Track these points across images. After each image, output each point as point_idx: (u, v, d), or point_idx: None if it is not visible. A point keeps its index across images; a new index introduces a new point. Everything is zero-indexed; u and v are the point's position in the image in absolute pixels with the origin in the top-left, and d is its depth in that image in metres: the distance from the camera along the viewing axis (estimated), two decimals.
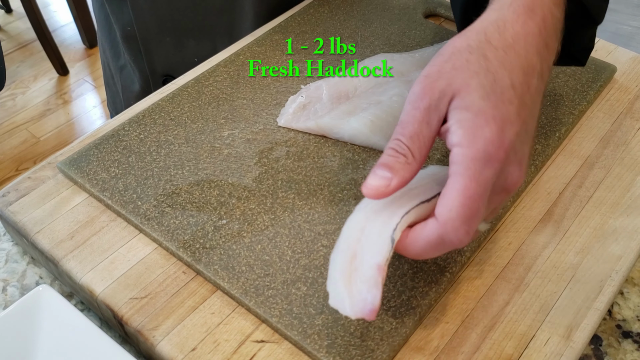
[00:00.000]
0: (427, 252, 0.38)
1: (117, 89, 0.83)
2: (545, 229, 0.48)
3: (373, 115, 0.52)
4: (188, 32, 0.72)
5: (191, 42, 0.73)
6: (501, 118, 0.36)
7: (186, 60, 0.71)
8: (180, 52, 0.73)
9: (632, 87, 0.60)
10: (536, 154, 0.52)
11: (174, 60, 0.74)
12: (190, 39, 0.72)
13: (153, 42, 0.73)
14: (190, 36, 0.72)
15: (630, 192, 0.50)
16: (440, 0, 0.70)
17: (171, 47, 0.73)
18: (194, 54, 0.71)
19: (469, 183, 0.35)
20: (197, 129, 0.54)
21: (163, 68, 0.75)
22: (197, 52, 0.72)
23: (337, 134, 0.53)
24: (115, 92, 0.85)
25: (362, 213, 0.40)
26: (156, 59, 0.74)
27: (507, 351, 0.41)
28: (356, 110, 0.53)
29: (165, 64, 0.74)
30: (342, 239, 0.39)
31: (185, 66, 0.63)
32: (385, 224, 0.38)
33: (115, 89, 0.85)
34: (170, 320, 0.42)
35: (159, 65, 0.75)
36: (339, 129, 0.52)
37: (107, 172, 0.50)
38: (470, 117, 0.36)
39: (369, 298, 0.36)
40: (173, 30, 0.72)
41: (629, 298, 0.47)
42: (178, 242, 0.45)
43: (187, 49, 0.73)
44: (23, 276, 0.48)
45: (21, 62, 2.17)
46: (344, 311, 0.37)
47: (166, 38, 0.72)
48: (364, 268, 0.37)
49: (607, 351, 0.43)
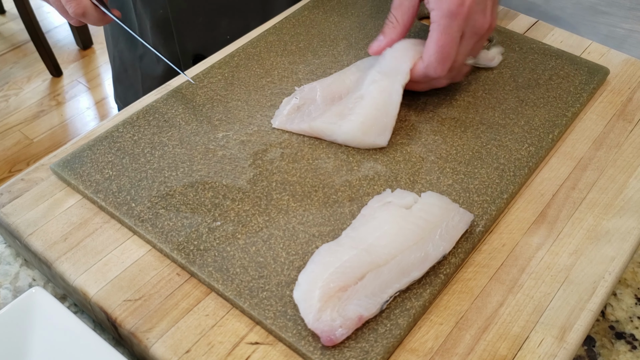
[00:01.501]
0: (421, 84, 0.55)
1: (134, 80, 0.83)
2: (539, 230, 0.48)
3: (361, 115, 0.52)
4: (221, 11, 0.73)
5: (224, 21, 0.74)
6: None
7: (218, 38, 0.72)
8: (213, 31, 0.74)
9: (625, 90, 0.60)
10: (530, 156, 0.52)
11: (206, 39, 0.74)
12: (223, 18, 0.74)
13: (185, 23, 0.73)
14: (224, 14, 0.73)
15: (623, 194, 0.51)
16: None
17: (203, 27, 0.74)
18: (226, 32, 0.72)
19: (439, 35, 0.50)
20: (191, 131, 0.54)
21: (195, 48, 0.76)
22: (229, 31, 0.72)
23: (331, 137, 0.53)
24: (129, 85, 0.85)
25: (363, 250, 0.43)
26: (188, 40, 0.75)
27: (501, 352, 0.41)
28: (345, 110, 0.53)
29: (197, 43, 0.75)
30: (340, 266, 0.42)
31: (217, 45, 0.64)
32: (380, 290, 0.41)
33: (129, 82, 0.84)
34: (164, 322, 0.42)
35: (191, 46, 0.75)
36: (332, 133, 0.53)
37: (100, 174, 0.50)
38: None
39: (337, 331, 0.39)
40: (206, 9, 0.73)
41: (622, 299, 0.47)
42: (172, 243, 0.45)
43: (220, 28, 0.74)
44: (16, 278, 0.48)
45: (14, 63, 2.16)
46: (303, 314, 0.40)
47: (199, 18, 0.73)
48: (349, 308, 0.40)
49: (600, 352, 0.44)
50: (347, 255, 0.42)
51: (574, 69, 0.61)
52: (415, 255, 0.43)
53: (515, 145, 0.53)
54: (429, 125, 0.55)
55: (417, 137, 0.54)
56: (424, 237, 0.44)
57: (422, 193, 0.47)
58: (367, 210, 0.46)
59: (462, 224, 0.45)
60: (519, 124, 0.55)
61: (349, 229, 0.45)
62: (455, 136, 0.54)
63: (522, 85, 0.59)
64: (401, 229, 0.44)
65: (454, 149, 0.53)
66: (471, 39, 0.52)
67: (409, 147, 0.53)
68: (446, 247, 0.43)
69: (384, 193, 0.48)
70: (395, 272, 0.42)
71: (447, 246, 0.44)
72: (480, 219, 0.47)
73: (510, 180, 0.50)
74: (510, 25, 0.68)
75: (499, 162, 0.52)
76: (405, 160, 0.52)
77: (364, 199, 0.48)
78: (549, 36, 0.67)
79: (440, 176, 0.51)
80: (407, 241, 0.43)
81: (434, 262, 0.43)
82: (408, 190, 0.49)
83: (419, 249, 0.43)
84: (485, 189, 0.50)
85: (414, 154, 0.53)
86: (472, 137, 0.54)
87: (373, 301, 0.40)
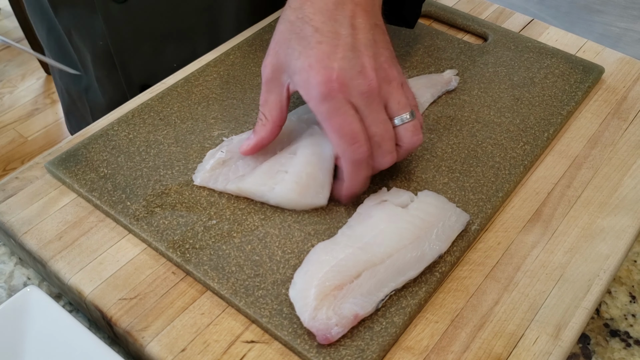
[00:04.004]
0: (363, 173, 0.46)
1: (84, 112, 0.80)
2: (534, 228, 0.48)
3: (294, 174, 0.47)
4: (166, 37, 0.69)
5: (170, 47, 0.70)
6: (317, 60, 0.42)
7: (164, 66, 0.68)
8: (158, 58, 0.71)
9: (620, 88, 0.61)
10: (525, 154, 0.53)
11: (152, 67, 0.71)
12: (168, 44, 0.70)
13: (128, 53, 0.70)
14: (169, 41, 0.70)
15: (617, 192, 0.51)
16: (430, 1, 0.70)
17: (148, 55, 0.70)
18: (172, 60, 0.69)
19: (329, 123, 0.43)
20: (186, 129, 0.54)
21: (141, 78, 0.72)
22: (176, 57, 0.69)
23: (262, 199, 0.48)
24: (80, 116, 0.81)
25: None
26: (133, 70, 0.71)
27: (497, 350, 0.41)
28: (273, 169, 0.48)
29: (143, 73, 0.71)
30: (338, 264, 0.42)
31: (164, 73, 0.61)
32: (376, 289, 0.41)
33: (79, 113, 0.81)
34: (160, 320, 0.42)
35: (136, 76, 0.72)
36: (263, 195, 0.47)
37: (95, 172, 0.50)
38: (299, 79, 0.43)
39: (333, 330, 0.39)
40: (150, 37, 0.69)
41: (617, 297, 0.47)
42: (167, 242, 0.45)
43: (165, 55, 0.70)
44: (10, 277, 0.48)
45: (8, 61, 2.16)
46: (299, 312, 0.40)
47: (142, 46, 0.69)
48: (345, 306, 0.40)
49: (595, 350, 0.44)
50: (343, 253, 0.42)
51: (569, 67, 0.61)
52: (411, 255, 0.43)
53: (510, 143, 0.54)
54: (424, 124, 0.55)
55: None
56: (421, 236, 0.44)
57: (419, 192, 0.47)
58: (363, 208, 0.47)
59: (459, 224, 0.45)
60: (515, 123, 0.55)
61: (344, 227, 0.45)
62: (450, 134, 0.54)
63: (518, 84, 0.59)
64: (397, 228, 0.44)
65: (449, 147, 0.53)
66: (369, 106, 0.43)
67: None
68: (442, 247, 0.44)
69: (380, 191, 0.48)
70: (391, 271, 0.42)
71: (443, 246, 0.44)
72: (475, 217, 0.47)
73: (506, 178, 0.50)
74: (506, 23, 0.69)
75: (495, 160, 0.52)
76: None
77: (360, 197, 0.48)
78: (544, 35, 0.67)
79: (435, 174, 0.51)
80: (404, 240, 0.43)
81: (430, 261, 0.43)
82: (404, 188, 0.49)
83: (415, 248, 0.43)
84: (481, 187, 0.50)
85: None
86: (467, 136, 0.54)
87: (369, 300, 0.40)
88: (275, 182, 0.47)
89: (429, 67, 0.61)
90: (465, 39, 0.67)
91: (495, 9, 0.70)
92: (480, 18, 0.68)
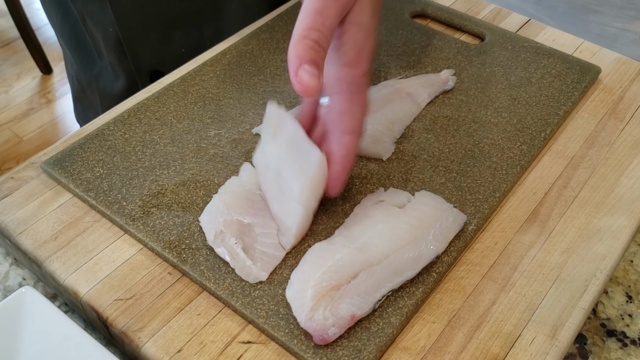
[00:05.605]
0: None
1: (92, 100, 0.81)
2: (531, 228, 0.48)
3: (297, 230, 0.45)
4: (174, 23, 0.71)
5: (177, 34, 0.72)
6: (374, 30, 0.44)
7: (173, 52, 0.70)
8: (167, 45, 0.72)
9: (617, 88, 0.61)
10: (522, 154, 0.53)
11: (161, 54, 0.72)
12: (176, 30, 0.71)
13: (137, 39, 0.71)
14: (176, 27, 0.71)
15: (614, 192, 0.51)
16: (428, 1, 0.70)
17: (156, 42, 0.72)
18: (180, 45, 0.70)
19: (356, 97, 0.44)
20: (183, 129, 0.54)
21: (150, 64, 0.73)
22: (184, 43, 0.70)
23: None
24: (88, 104, 0.82)
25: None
26: (142, 57, 0.73)
27: (494, 350, 0.41)
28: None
29: (152, 60, 0.73)
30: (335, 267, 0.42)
31: (173, 59, 0.62)
32: (373, 289, 0.41)
33: (88, 101, 0.82)
34: (156, 321, 0.42)
35: (146, 62, 0.73)
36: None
37: (91, 172, 0.50)
38: (361, 38, 0.43)
39: (330, 330, 0.39)
40: (158, 24, 0.70)
41: (613, 297, 0.47)
42: (164, 242, 0.45)
43: (174, 41, 0.72)
44: (6, 277, 0.48)
45: (4, 60, 2.15)
46: (296, 313, 0.40)
47: (151, 33, 0.71)
48: (342, 307, 0.40)
49: (591, 350, 0.44)
50: (340, 254, 0.42)
51: (565, 67, 0.61)
52: (408, 255, 0.42)
53: (507, 143, 0.54)
54: (422, 124, 0.55)
55: (409, 135, 0.54)
56: (418, 236, 0.44)
57: (417, 192, 0.47)
58: (360, 209, 0.46)
59: (456, 224, 0.45)
60: (512, 123, 0.55)
61: (341, 227, 0.45)
62: (447, 134, 0.54)
63: (515, 84, 0.59)
64: (395, 228, 0.44)
65: (446, 147, 0.53)
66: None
67: (401, 145, 0.53)
68: (439, 247, 0.43)
69: (377, 192, 0.48)
70: (388, 271, 0.42)
71: (441, 246, 0.44)
72: (472, 218, 0.47)
73: (503, 178, 0.50)
74: (503, 23, 0.69)
75: (492, 160, 0.52)
76: (397, 158, 0.52)
77: (357, 198, 0.48)
78: (541, 35, 0.67)
79: (433, 175, 0.51)
80: (401, 240, 0.43)
81: (427, 262, 0.43)
82: (401, 189, 0.49)
83: (412, 249, 0.43)
84: (478, 187, 0.50)
85: (407, 152, 0.53)
86: (464, 136, 0.54)
87: (366, 300, 0.40)
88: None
89: (426, 67, 0.61)
90: (462, 39, 0.67)
91: (492, 9, 0.70)
92: (477, 18, 0.68)
